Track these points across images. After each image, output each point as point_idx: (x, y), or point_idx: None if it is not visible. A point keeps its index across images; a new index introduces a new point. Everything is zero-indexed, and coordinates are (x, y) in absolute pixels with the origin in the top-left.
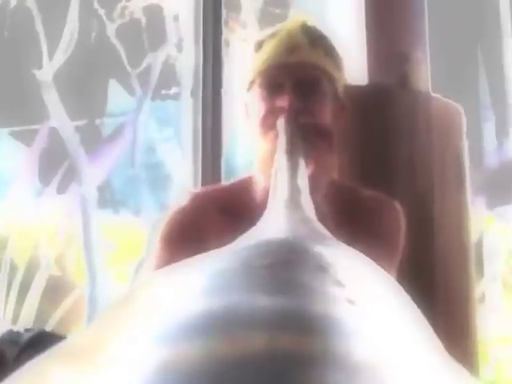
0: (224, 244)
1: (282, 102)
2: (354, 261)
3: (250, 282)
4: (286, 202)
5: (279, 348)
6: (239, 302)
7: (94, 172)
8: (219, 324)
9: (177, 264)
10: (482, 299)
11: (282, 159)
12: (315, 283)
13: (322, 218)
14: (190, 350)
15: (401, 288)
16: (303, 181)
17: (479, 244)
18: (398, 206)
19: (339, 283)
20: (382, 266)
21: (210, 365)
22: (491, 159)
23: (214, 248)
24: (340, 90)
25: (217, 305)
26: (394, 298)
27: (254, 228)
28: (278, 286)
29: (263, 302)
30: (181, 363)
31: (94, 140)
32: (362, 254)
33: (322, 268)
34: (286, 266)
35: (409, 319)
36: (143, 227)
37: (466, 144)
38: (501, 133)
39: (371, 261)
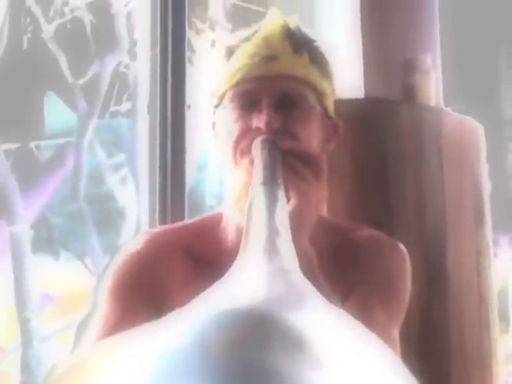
0: (187, 296)
1: (259, 121)
2: (341, 328)
3: (205, 367)
4: (261, 248)
5: None
6: None
7: (27, 206)
8: None
9: (122, 338)
10: (508, 360)
11: (257, 192)
12: (288, 368)
13: (307, 267)
14: None
15: (397, 359)
16: (283, 220)
17: (504, 293)
18: (401, 247)
19: (318, 364)
20: (382, 322)
21: None
22: None
23: (174, 301)
24: (330, 106)
25: None
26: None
27: (220, 283)
28: (237, 373)
29: None
30: None
31: (27, 167)
32: (351, 318)
33: (297, 346)
34: (251, 346)
35: None
36: (88, 274)
37: (486, 169)
38: None
39: (361, 327)
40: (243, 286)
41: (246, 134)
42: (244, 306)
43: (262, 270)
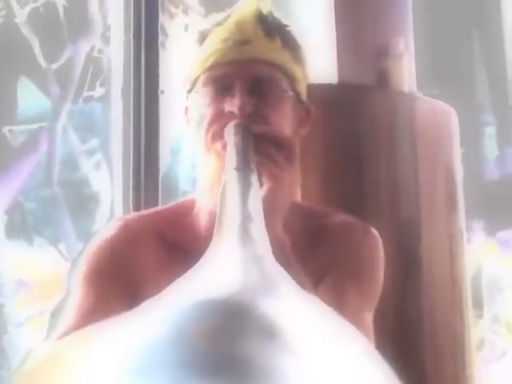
0: (161, 283)
1: (232, 105)
2: (314, 315)
3: (183, 358)
4: (234, 234)
5: None
6: None
7: (1, 192)
8: None
9: (98, 328)
10: (481, 345)
11: (230, 177)
12: (262, 356)
13: (280, 252)
14: None
15: (370, 345)
16: (257, 205)
17: (477, 278)
18: (374, 232)
19: (292, 351)
20: (355, 305)
21: None
22: (491, 172)
23: (148, 288)
24: (302, 90)
25: None
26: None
27: (194, 270)
28: (215, 363)
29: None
30: None
31: (1, 152)
32: (323, 304)
33: (271, 334)
34: (227, 336)
35: None
36: (62, 260)
37: (459, 154)
38: (503, 140)
39: (334, 313)
40: (217, 274)
41: (218, 119)
42: (219, 296)
43: (236, 256)
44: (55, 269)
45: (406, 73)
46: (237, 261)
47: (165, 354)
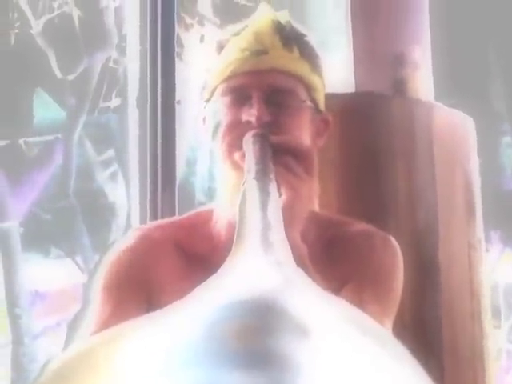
0: (180, 292)
1: (249, 115)
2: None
3: (216, 354)
4: (255, 241)
5: None
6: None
7: (17, 203)
8: None
9: (125, 327)
10: (499, 355)
11: (250, 187)
12: (293, 351)
13: (298, 261)
14: None
15: (398, 343)
16: (276, 214)
17: (495, 288)
18: (393, 241)
19: (323, 350)
20: (374, 314)
21: None
22: (508, 183)
23: (167, 297)
24: (320, 100)
25: None
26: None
27: (216, 277)
28: (253, 360)
29: (237, 380)
30: None
31: (16, 164)
32: (350, 306)
33: (303, 333)
34: (259, 333)
35: None
36: (78, 272)
37: (477, 164)
38: None
39: (361, 313)
40: (243, 276)
41: (235, 128)
42: (248, 297)
43: (259, 262)
44: (71, 280)
45: (423, 82)
46: (260, 265)
47: (198, 351)
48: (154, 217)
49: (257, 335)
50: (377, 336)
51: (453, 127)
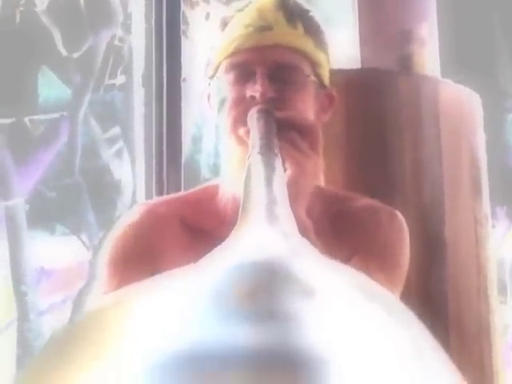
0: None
1: (253, 91)
2: (349, 282)
3: (227, 313)
4: (260, 215)
5: None
6: (217, 337)
7: (22, 181)
8: (196, 364)
9: (135, 288)
10: (505, 331)
11: (255, 162)
12: (303, 312)
13: (304, 236)
14: None
15: (406, 309)
16: (281, 188)
17: (501, 264)
18: (399, 215)
19: (328, 310)
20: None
21: None
22: None
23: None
24: (325, 76)
25: (192, 341)
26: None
27: (222, 247)
28: (261, 318)
29: (246, 335)
30: None
31: (22, 142)
32: (357, 273)
33: (310, 294)
34: (270, 294)
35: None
36: (84, 249)
37: (483, 140)
38: None
39: (368, 279)
40: (250, 243)
41: (240, 104)
42: (257, 260)
43: (264, 233)
44: (77, 257)
45: (430, 58)
46: (266, 234)
47: (208, 309)
48: (160, 194)
49: (264, 295)
50: (385, 302)
51: (459, 103)
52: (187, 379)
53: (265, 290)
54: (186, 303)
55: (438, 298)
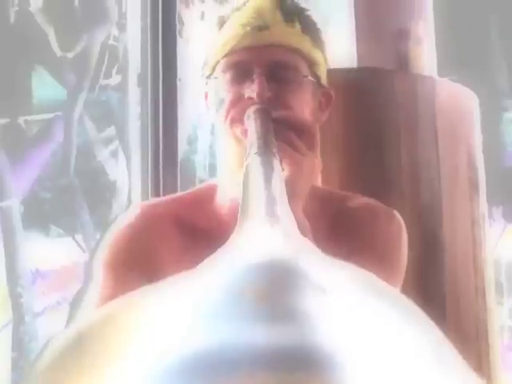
0: (183, 268)
1: (251, 91)
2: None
3: (240, 313)
4: (261, 215)
5: None
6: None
7: (17, 182)
8: (212, 367)
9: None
10: (501, 332)
11: (253, 162)
12: (318, 310)
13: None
14: None
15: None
16: (280, 188)
17: (497, 265)
18: (397, 215)
19: (340, 306)
20: None
21: None
22: (510, 159)
23: (170, 274)
24: (322, 75)
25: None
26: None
27: (225, 248)
28: (277, 317)
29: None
30: None
31: (16, 142)
32: (362, 270)
33: (321, 291)
34: (283, 293)
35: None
36: (79, 250)
37: (480, 140)
38: None
39: (374, 276)
40: (255, 244)
41: (237, 103)
42: (265, 260)
43: (266, 234)
44: (72, 259)
45: (426, 57)
46: (270, 234)
47: (221, 309)
48: (156, 194)
49: (277, 294)
50: (391, 299)
51: (456, 102)
52: (203, 383)
53: (278, 290)
54: (199, 306)
55: (436, 300)
